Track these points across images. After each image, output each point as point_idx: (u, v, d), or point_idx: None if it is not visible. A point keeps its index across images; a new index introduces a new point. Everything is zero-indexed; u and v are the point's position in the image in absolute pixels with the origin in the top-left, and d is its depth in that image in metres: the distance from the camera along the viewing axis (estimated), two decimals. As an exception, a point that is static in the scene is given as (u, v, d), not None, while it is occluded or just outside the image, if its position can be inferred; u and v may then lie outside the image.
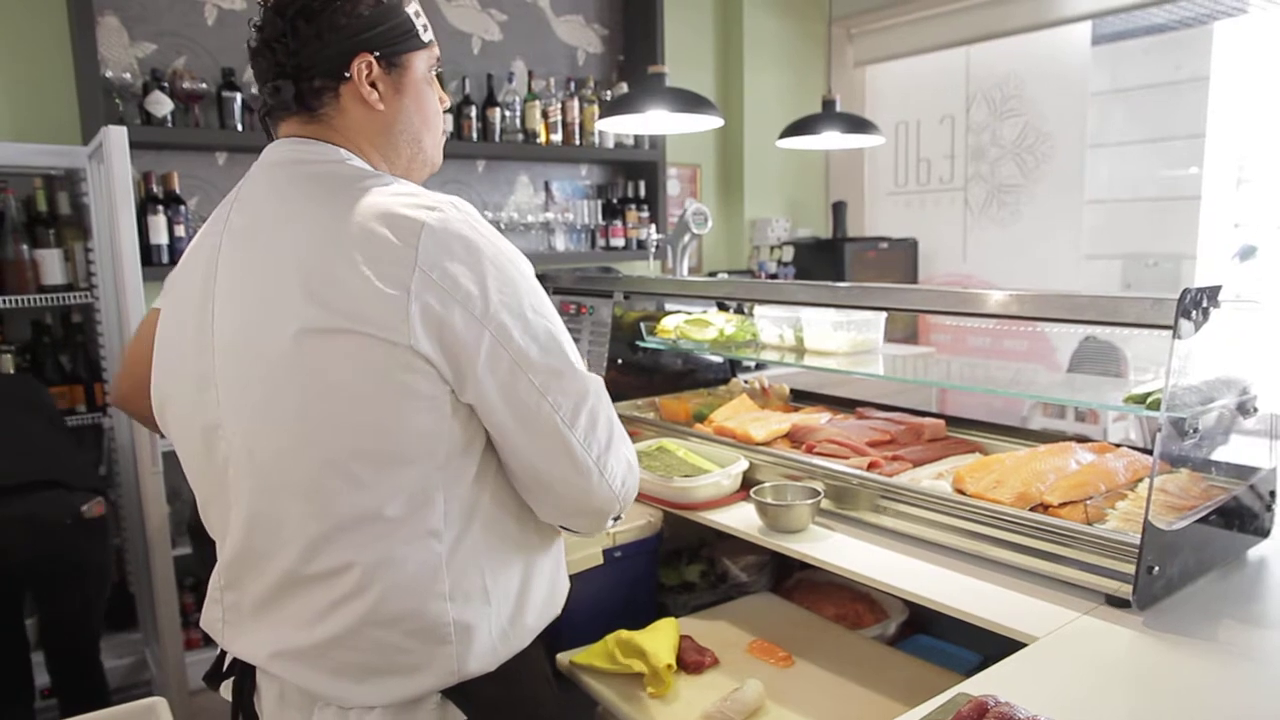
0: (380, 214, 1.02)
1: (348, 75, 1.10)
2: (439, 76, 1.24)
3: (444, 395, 1.02)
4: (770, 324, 2.40)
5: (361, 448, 1.01)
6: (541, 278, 3.10)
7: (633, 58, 4.31)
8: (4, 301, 2.73)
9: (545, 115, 3.95)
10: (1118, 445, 1.72)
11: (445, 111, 1.26)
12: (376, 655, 1.05)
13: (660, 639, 1.57)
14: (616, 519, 1.21)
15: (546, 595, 1.19)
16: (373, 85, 1.12)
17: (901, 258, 4.86)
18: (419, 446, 1.02)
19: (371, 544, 1.03)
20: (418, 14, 1.16)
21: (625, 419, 2.37)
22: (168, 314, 1.18)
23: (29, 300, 2.78)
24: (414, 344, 0.98)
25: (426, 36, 1.17)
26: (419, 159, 1.21)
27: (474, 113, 3.72)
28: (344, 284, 0.99)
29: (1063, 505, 1.47)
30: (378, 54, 1.11)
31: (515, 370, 1.03)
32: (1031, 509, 1.47)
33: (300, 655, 1.07)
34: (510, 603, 1.12)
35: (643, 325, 2.57)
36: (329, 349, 0.99)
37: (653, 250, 3.71)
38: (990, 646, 1.33)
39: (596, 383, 1.12)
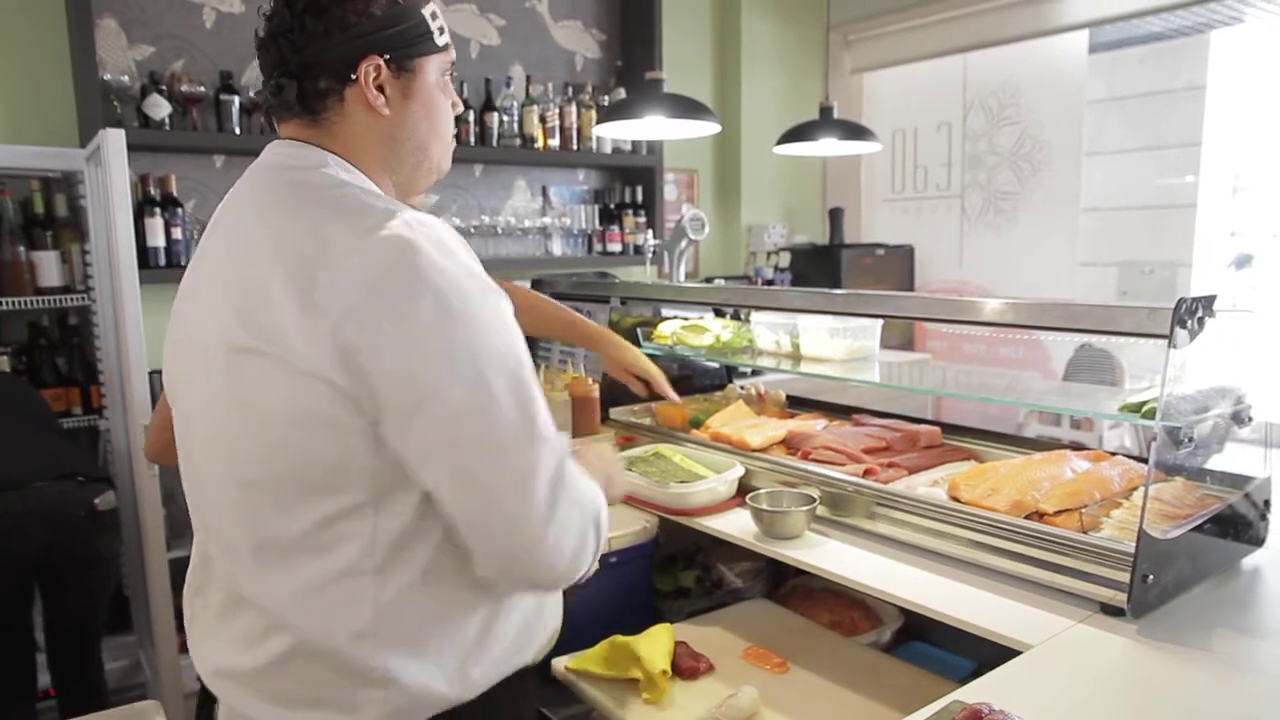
0: (326, 234, 0.95)
1: (353, 77, 1.04)
2: (453, 80, 1.18)
3: (363, 428, 0.94)
4: (767, 330, 2.41)
5: (281, 473, 0.97)
6: (538, 283, 3.09)
7: (631, 63, 4.31)
8: (1, 303, 2.73)
9: (543, 120, 3.95)
10: (1113, 453, 1.73)
11: (457, 117, 1.19)
12: (307, 687, 1.01)
13: (655, 645, 1.57)
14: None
15: (518, 637, 1.10)
16: (380, 89, 1.05)
17: (898, 264, 4.87)
18: (339, 478, 0.96)
19: (296, 574, 0.98)
20: (434, 15, 1.09)
21: (621, 424, 2.39)
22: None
23: (25, 302, 2.78)
24: (330, 375, 0.91)
25: (442, 40, 1.10)
26: (424, 167, 1.14)
27: (472, 117, 3.72)
28: (272, 305, 0.93)
29: (1058, 513, 1.47)
30: (388, 57, 1.04)
31: (445, 424, 0.92)
32: (1026, 517, 1.47)
33: (236, 677, 1.05)
34: (462, 648, 1.03)
35: (639, 331, 2.57)
36: (250, 370, 0.95)
37: (650, 255, 3.71)
38: (985, 654, 1.33)
39: (546, 444, 0.96)
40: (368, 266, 0.91)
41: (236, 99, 3.18)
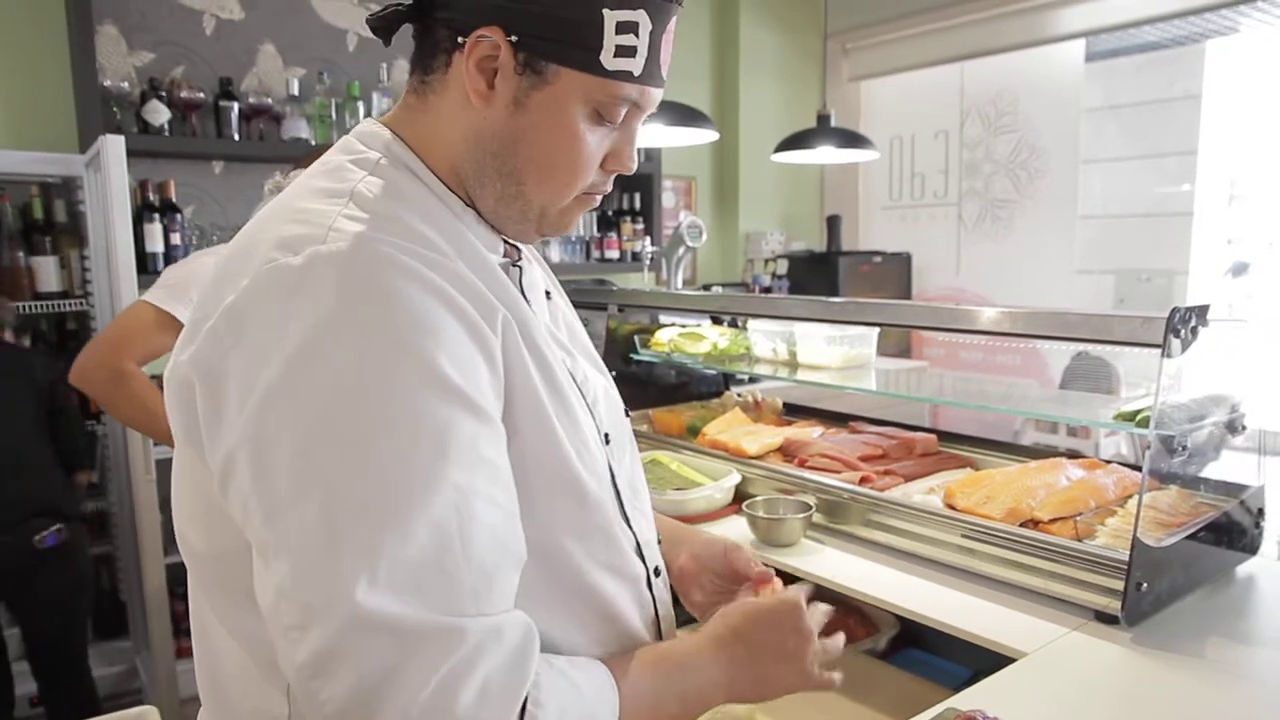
0: (253, 237, 0.79)
1: (461, 41, 0.80)
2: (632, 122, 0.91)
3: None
4: (764, 338, 2.41)
5: None
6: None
7: (630, 70, 4.32)
8: (-1, 308, 2.73)
9: (542, 127, 3.96)
10: (1108, 461, 1.74)
11: (612, 172, 0.94)
12: None
13: (652, 652, 1.57)
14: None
15: None
16: (491, 75, 0.81)
17: (895, 272, 4.88)
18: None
19: None
20: (626, 30, 0.79)
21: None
22: None
23: (24, 307, 2.78)
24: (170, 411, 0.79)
25: (615, 64, 0.80)
26: (515, 205, 0.87)
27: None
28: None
29: (1053, 521, 1.48)
30: (516, 39, 0.79)
31: (247, 514, 0.72)
32: (1022, 525, 1.48)
33: None
34: None
35: (637, 338, 2.57)
36: None
37: (647, 262, 3.72)
38: (980, 661, 1.34)
39: (359, 614, 0.65)
40: (248, 293, 0.73)
41: (235, 105, 3.19)
